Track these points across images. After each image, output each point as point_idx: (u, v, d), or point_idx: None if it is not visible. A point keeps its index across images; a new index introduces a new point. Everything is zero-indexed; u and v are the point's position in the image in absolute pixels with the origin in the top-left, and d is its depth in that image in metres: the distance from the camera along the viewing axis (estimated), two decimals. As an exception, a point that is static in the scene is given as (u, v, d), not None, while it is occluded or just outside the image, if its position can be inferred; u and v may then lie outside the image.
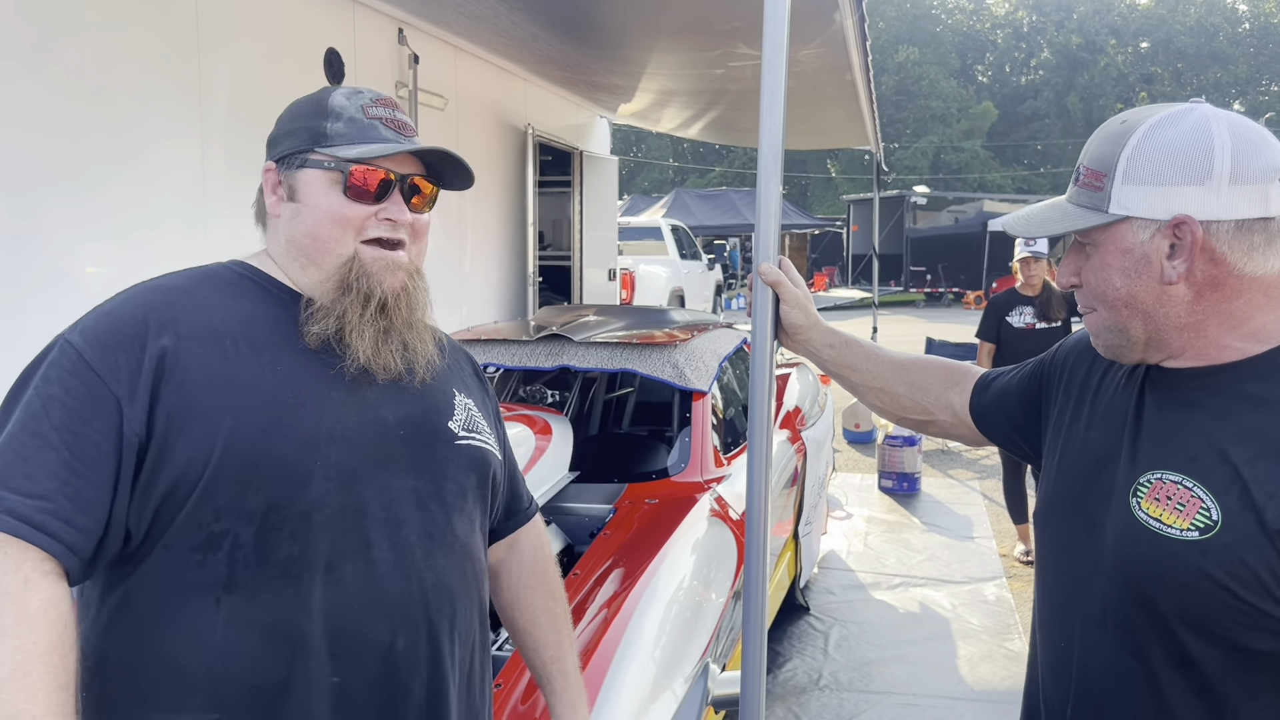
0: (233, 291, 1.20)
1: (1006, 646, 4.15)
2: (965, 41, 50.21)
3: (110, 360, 1.08)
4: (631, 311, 4.51)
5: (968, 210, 25.82)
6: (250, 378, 1.13)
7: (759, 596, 1.49)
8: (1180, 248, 1.06)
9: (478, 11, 5.19)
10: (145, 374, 1.08)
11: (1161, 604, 1.05)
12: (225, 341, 1.14)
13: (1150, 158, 1.07)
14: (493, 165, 6.70)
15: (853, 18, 4.44)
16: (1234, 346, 1.08)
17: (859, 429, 8.20)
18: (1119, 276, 1.10)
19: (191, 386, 1.09)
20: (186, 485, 1.07)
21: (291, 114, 1.27)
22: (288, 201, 1.23)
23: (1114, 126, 1.12)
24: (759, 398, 1.50)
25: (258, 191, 1.28)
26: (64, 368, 1.07)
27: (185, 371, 1.10)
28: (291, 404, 1.13)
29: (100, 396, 1.06)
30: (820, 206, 41.46)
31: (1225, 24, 47.00)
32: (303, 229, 1.21)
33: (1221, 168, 1.04)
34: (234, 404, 1.10)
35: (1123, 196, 1.08)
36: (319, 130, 1.22)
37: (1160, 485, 1.07)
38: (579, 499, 3.14)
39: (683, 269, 15.52)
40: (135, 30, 3.61)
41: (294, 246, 1.23)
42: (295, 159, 1.22)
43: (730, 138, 10.66)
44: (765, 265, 1.48)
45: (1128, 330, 1.12)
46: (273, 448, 1.10)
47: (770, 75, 1.46)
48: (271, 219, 1.25)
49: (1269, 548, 0.98)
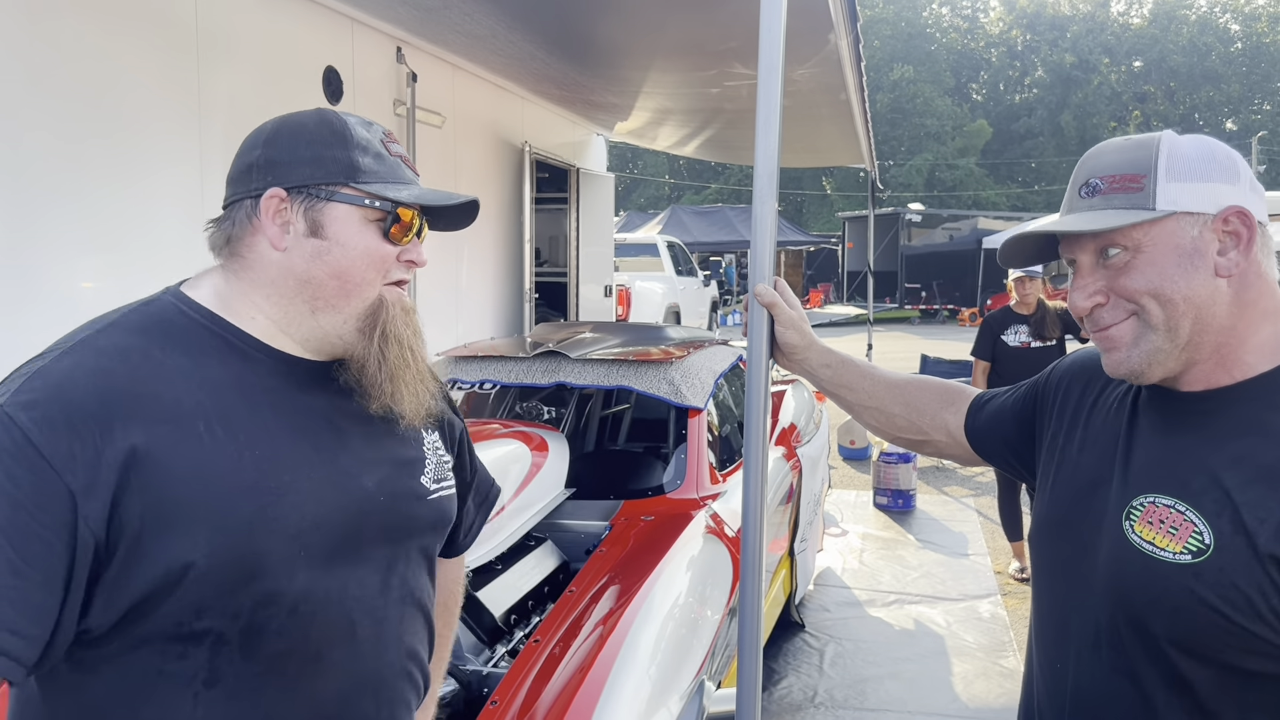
0: (196, 348, 1.07)
1: (1001, 664, 4.15)
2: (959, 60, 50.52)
3: (63, 447, 0.94)
4: (628, 328, 4.53)
5: (962, 228, 25.91)
6: (229, 468, 1.02)
7: (755, 613, 1.49)
8: (1231, 240, 1.08)
9: (476, 31, 5.23)
10: (107, 468, 0.96)
11: (1154, 626, 1.06)
12: (199, 425, 1.02)
13: (1190, 156, 1.09)
14: (490, 182, 6.73)
15: (847, 38, 4.49)
16: (1246, 360, 1.09)
17: (854, 445, 8.21)
18: (1177, 271, 1.08)
19: (166, 486, 0.98)
20: (165, 588, 0.99)
21: (302, 138, 1.12)
22: (308, 237, 1.11)
23: (1123, 142, 1.14)
24: (754, 419, 1.51)
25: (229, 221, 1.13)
26: (7, 450, 0.93)
27: (157, 468, 0.98)
28: (274, 494, 1.04)
29: (51, 488, 0.93)
30: (815, 223, 41.57)
31: (1218, 43, 47.35)
32: (329, 269, 1.11)
33: (1245, 171, 1.10)
34: (214, 503, 1.00)
35: (1169, 193, 1.08)
36: (350, 163, 1.12)
37: (1153, 509, 1.08)
38: (575, 515, 3.15)
39: (679, 285, 15.56)
40: (135, 49, 3.64)
41: (306, 287, 1.11)
42: (321, 190, 1.11)
43: (726, 155, 10.72)
44: (761, 286, 1.49)
45: (1177, 330, 1.08)
46: (258, 546, 1.02)
47: (766, 97, 1.47)
48: (268, 252, 1.11)
49: (1260, 571, 0.99)
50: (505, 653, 2.56)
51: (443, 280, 6.07)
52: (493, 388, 3.94)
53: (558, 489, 3.09)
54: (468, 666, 2.42)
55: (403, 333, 1.16)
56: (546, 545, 3.01)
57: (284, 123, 1.14)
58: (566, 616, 2.41)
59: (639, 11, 4.76)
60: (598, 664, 2.16)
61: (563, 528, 3.12)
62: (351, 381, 1.15)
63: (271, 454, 1.06)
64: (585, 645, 2.25)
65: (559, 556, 3.03)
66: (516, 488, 2.86)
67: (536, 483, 2.96)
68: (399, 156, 1.18)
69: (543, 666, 2.19)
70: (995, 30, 52.65)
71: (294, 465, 1.07)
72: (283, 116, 1.15)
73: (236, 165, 1.14)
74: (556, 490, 3.09)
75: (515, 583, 2.77)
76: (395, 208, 1.14)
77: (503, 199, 6.94)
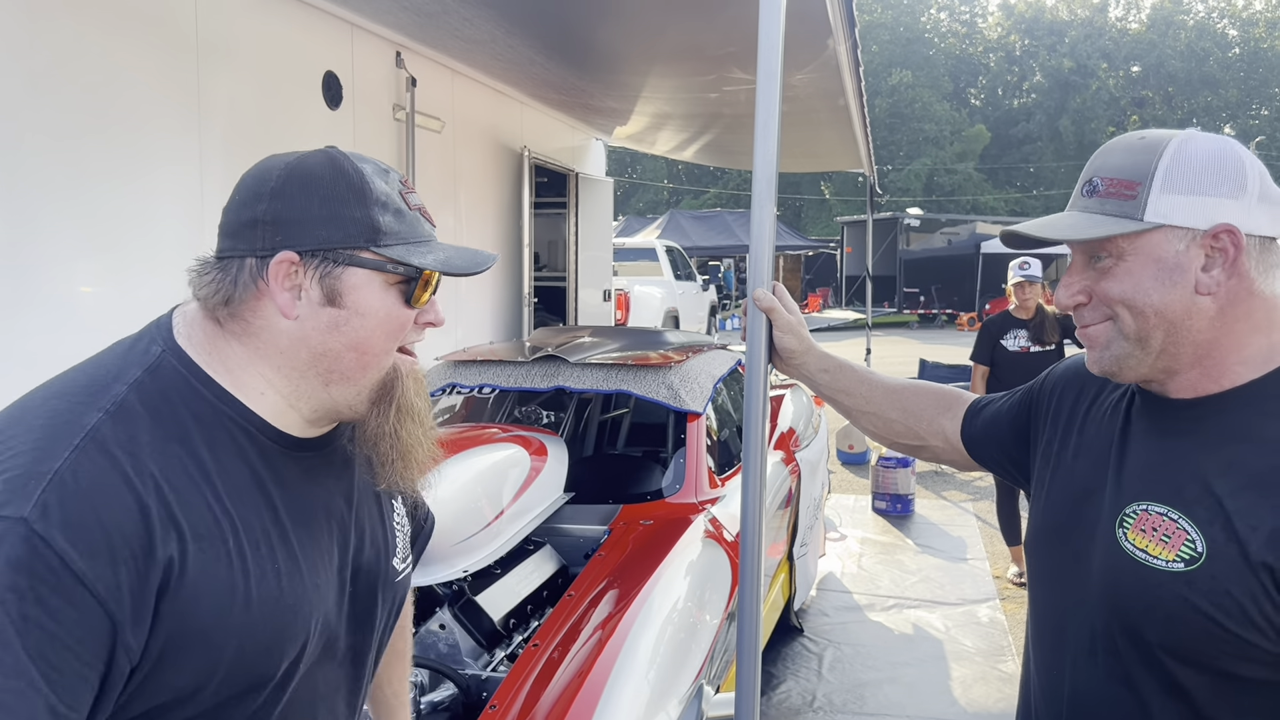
0: (213, 439, 0.97)
1: (1000, 668, 4.15)
2: (958, 65, 50.60)
3: (109, 574, 0.84)
4: (627, 333, 4.53)
5: (961, 232, 25.94)
6: (255, 593, 0.96)
7: (754, 618, 1.50)
8: (1216, 258, 1.06)
9: (475, 36, 5.24)
10: (151, 591, 0.87)
11: (1148, 633, 1.06)
12: (228, 541, 0.94)
13: (1190, 168, 1.06)
14: (489, 187, 6.74)
15: (846, 44, 4.50)
16: (1233, 371, 1.09)
17: (853, 450, 8.21)
18: (1152, 284, 1.08)
19: (194, 614, 0.90)
20: (173, 705, 0.93)
21: (318, 194, 1.00)
22: (324, 306, 1.00)
23: (1134, 141, 1.11)
24: (753, 423, 1.51)
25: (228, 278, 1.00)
26: (44, 579, 0.82)
27: (191, 590, 0.90)
28: (292, 611, 0.99)
29: (94, 620, 0.84)
30: (814, 228, 41.61)
31: (1215, 48, 47.46)
32: (347, 341, 1.01)
33: (1253, 184, 1.06)
34: (238, 628, 0.94)
35: (1160, 204, 1.06)
36: (371, 224, 1.01)
37: (1146, 516, 1.08)
38: (574, 520, 3.15)
39: (677, 290, 15.57)
40: (135, 52, 3.65)
41: (322, 360, 1.01)
42: (339, 255, 1.00)
43: (725, 160, 10.73)
44: (759, 291, 1.50)
45: (1148, 340, 1.09)
46: (271, 668, 0.98)
47: (765, 103, 1.48)
48: (276, 319, 1.00)
49: (1253, 579, 1.00)
50: (504, 657, 2.56)
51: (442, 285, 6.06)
52: (491, 392, 3.94)
53: (556, 493, 3.10)
54: (466, 671, 2.42)
55: (416, 403, 1.08)
56: (545, 549, 3.01)
57: (293, 172, 1.01)
58: (565, 620, 2.41)
59: (638, 16, 4.77)
60: (596, 668, 2.16)
61: (562, 532, 3.12)
62: (359, 457, 1.09)
63: (291, 567, 1.00)
64: (584, 649, 2.26)
65: (558, 561, 3.03)
66: (515, 492, 2.86)
67: (535, 487, 2.96)
68: (418, 210, 1.08)
69: (542, 670, 2.19)
70: (993, 35, 52.75)
71: (307, 573, 1.02)
72: (291, 162, 1.02)
73: (238, 215, 1.01)
74: (555, 494, 3.09)
75: (514, 587, 2.77)
76: (419, 273, 1.04)
77: (502, 203, 6.95)
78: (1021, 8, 51.74)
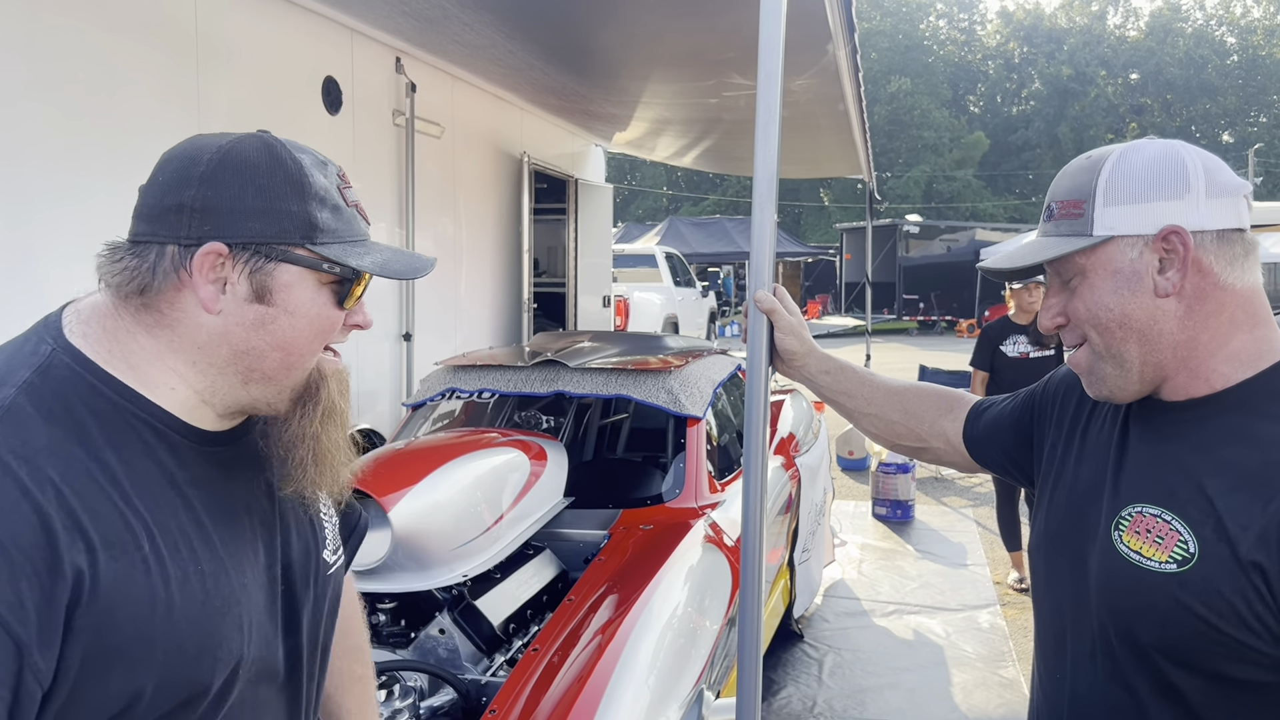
0: (119, 439, 0.90)
1: (1000, 674, 4.14)
2: (957, 72, 50.72)
3: (8, 592, 0.78)
4: (626, 338, 4.53)
5: (960, 239, 25.97)
6: (177, 598, 0.89)
7: (754, 622, 1.49)
8: (1171, 260, 1.08)
9: (475, 41, 5.25)
10: (58, 606, 0.80)
11: (1143, 635, 1.06)
12: (143, 546, 0.87)
13: (1128, 178, 1.09)
14: (488, 192, 6.75)
15: (845, 49, 4.50)
16: (1220, 370, 1.09)
17: (853, 456, 8.20)
18: (1111, 297, 1.10)
19: (114, 622, 0.84)
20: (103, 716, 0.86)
21: (251, 183, 0.94)
22: (251, 303, 0.94)
23: (1081, 162, 1.15)
24: (754, 424, 1.51)
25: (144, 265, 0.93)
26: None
27: (105, 601, 0.83)
28: (220, 614, 0.93)
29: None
30: (814, 235, 41.67)
31: (1214, 56, 47.58)
32: (273, 341, 0.96)
33: (1197, 181, 1.07)
34: (163, 637, 0.87)
35: (1106, 218, 1.10)
36: (308, 220, 0.96)
37: (1141, 518, 1.09)
38: (574, 525, 3.14)
39: (677, 296, 15.58)
40: (136, 56, 3.65)
41: (243, 358, 0.96)
42: (273, 250, 0.94)
43: (724, 166, 10.74)
44: (760, 293, 1.50)
45: (1123, 355, 1.11)
46: (204, 677, 0.92)
47: (765, 105, 1.48)
48: (195, 312, 0.94)
49: (1243, 579, 1.00)
50: (504, 662, 2.55)
51: (441, 290, 6.07)
52: (491, 397, 3.93)
53: (556, 498, 3.09)
54: (466, 675, 2.41)
55: (339, 404, 1.03)
56: (545, 554, 3.01)
57: (227, 157, 0.94)
58: (565, 625, 2.40)
59: (638, 21, 4.78)
60: (596, 672, 2.16)
61: (561, 536, 3.11)
62: (273, 456, 1.02)
63: (215, 568, 0.94)
64: (584, 654, 2.25)
65: (558, 566, 3.02)
66: (515, 496, 2.86)
67: (535, 492, 2.95)
68: (355, 206, 1.02)
69: (541, 675, 2.19)
70: (992, 43, 52.89)
71: (234, 573, 0.96)
72: (224, 146, 0.96)
73: (161, 199, 0.94)
74: (555, 499, 3.08)
75: (514, 592, 2.76)
76: (356, 274, 0.99)
77: (501, 209, 6.96)
78: (1020, 15, 51.88)
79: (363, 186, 5.15)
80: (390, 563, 2.47)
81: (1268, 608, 0.99)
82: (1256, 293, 1.10)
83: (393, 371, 5.56)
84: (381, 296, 5.39)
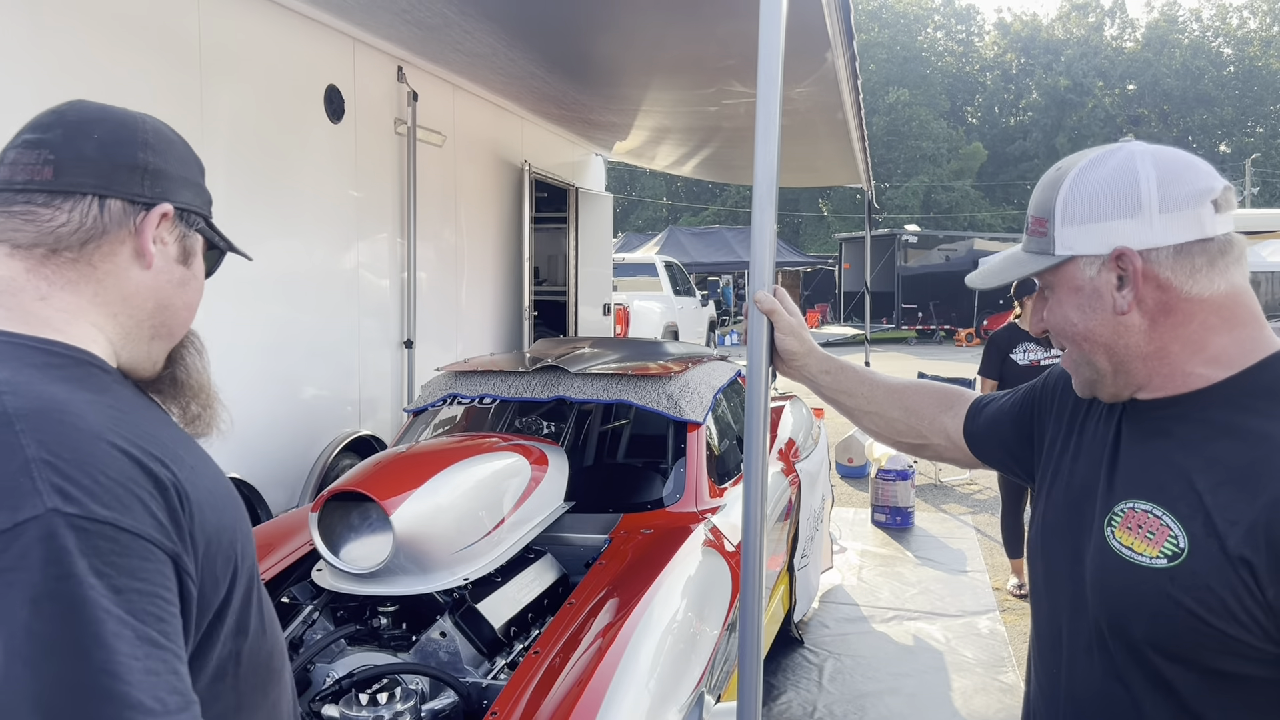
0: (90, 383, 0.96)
1: (1000, 679, 4.14)
2: (955, 83, 50.88)
3: (147, 517, 0.87)
4: (627, 344, 4.54)
5: (958, 249, 26.03)
6: (215, 486, 1.00)
7: (755, 627, 1.49)
8: (1126, 278, 1.10)
9: (476, 50, 5.28)
10: (178, 513, 0.91)
11: (1135, 630, 1.08)
12: (179, 453, 0.96)
13: (1083, 198, 1.11)
14: (489, 201, 6.77)
15: (844, 57, 4.53)
16: (1199, 373, 1.10)
17: (852, 463, 8.21)
18: (1075, 313, 1.15)
19: (205, 518, 0.94)
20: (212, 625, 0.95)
21: (180, 158, 1.07)
22: (178, 264, 1.06)
23: (1051, 175, 1.17)
24: (754, 425, 1.52)
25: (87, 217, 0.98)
26: (104, 550, 0.82)
27: (194, 501, 0.93)
28: (239, 508, 1.04)
29: (161, 563, 0.86)
30: (813, 245, 41.74)
31: (1210, 67, 47.74)
32: (185, 300, 1.08)
33: (1149, 198, 1.08)
34: (225, 534, 0.97)
35: (1065, 237, 1.13)
36: (209, 196, 1.11)
37: (1133, 514, 1.10)
38: (574, 529, 3.15)
39: (677, 305, 15.60)
40: (138, 64, 3.67)
41: (162, 312, 1.05)
42: (193, 219, 1.08)
43: (724, 175, 10.78)
44: (761, 293, 1.51)
45: (1094, 363, 1.15)
46: (253, 559, 1.04)
47: (765, 106, 1.50)
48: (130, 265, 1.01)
49: (1232, 574, 1.00)
50: (505, 665, 2.55)
51: (442, 297, 6.09)
52: (492, 402, 3.95)
53: (557, 502, 3.10)
54: (467, 678, 2.42)
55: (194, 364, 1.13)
56: (546, 558, 3.01)
57: (159, 129, 1.05)
58: (566, 628, 2.41)
59: (639, 29, 4.81)
60: (597, 675, 2.16)
61: (562, 541, 3.12)
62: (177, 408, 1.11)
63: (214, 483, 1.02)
64: (585, 657, 2.25)
65: (558, 570, 3.03)
66: (516, 501, 2.87)
67: (536, 496, 2.96)
68: None
69: (542, 678, 2.19)
70: (990, 54, 53.07)
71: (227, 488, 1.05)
72: (144, 117, 1.05)
73: (104, 154, 0.99)
74: (556, 503, 3.09)
75: (515, 595, 2.77)
76: (228, 250, 1.14)
77: (502, 218, 6.98)
78: (1018, 26, 52.08)
79: (365, 194, 5.19)
80: (392, 566, 2.48)
81: (1256, 602, 1.00)
82: (1234, 296, 1.09)
83: (393, 378, 5.58)
84: (383, 303, 5.41)
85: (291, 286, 4.64)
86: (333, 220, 4.95)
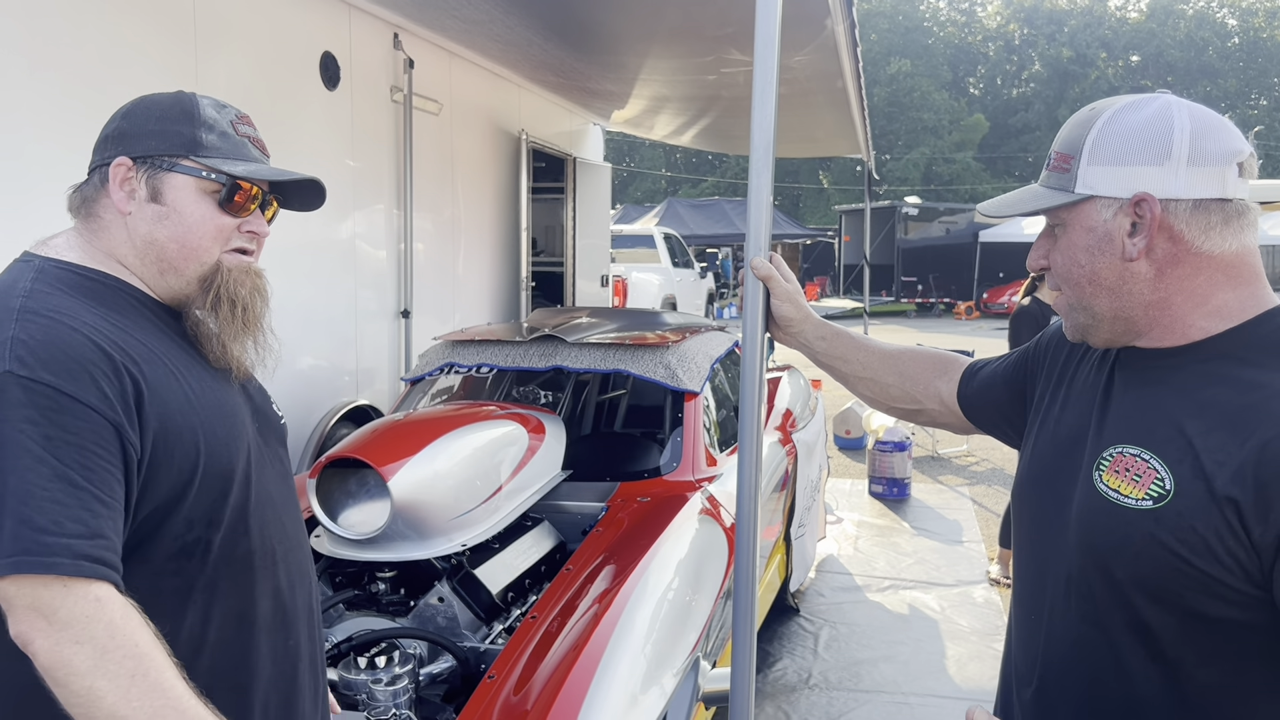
0: (112, 302, 1.20)
1: (994, 647, 4.18)
2: (957, 54, 50.47)
3: (95, 390, 1.07)
4: (624, 314, 4.53)
5: (959, 221, 25.92)
6: (196, 397, 1.20)
7: (749, 592, 1.50)
8: (1140, 225, 1.10)
9: (473, 16, 5.23)
10: (130, 398, 1.10)
11: (1118, 571, 1.09)
12: (165, 363, 1.18)
13: (1114, 139, 1.11)
14: (486, 171, 6.73)
15: (844, 24, 4.49)
16: (1199, 325, 1.11)
17: (850, 435, 8.23)
18: (1083, 254, 1.14)
19: (167, 411, 1.14)
20: (169, 504, 1.14)
21: (153, 114, 1.26)
22: (150, 203, 1.24)
23: (1083, 114, 1.17)
24: (750, 393, 1.52)
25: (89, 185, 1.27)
26: (44, 407, 1.04)
27: (157, 395, 1.13)
28: (230, 416, 1.24)
29: (100, 427, 1.07)
30: (812, 217, 41.56)
31: (1214, 38, 47.36)
32: (169, 234, 1.24)
33: (1180, 149, 1.08)
34: (199, 425, 1.18)
35: (1088, 176, 1.12)
36: (193, 138, 1.25)
37: (1120, 458, 1.11)
38: (572, 497, 3.16)
39: (675, 277, 15.57)
40: (132, 35, 3.64)
41: (153, 249, 1.24)
42: (162, 161, 1.24)
43: (722, 145, 10.71)
44: (757, 260, 1.50)
45: (1093, 307, 1.16)
46: (231, 459, 1.21)
47: (762, 70, 1.48)
48: (117, 215, 1.24)
49: (1217, 514, 1.02)
50: (502, 630, 2.58)
51: (440, 267, 6.07)
52: (489, 371, 3.95)
53: (554, 470, 3.11)
54: (465, 643, 2.44)
55: (239, 294, 1.28)
56: (543, 526, 3.03)
57: (142, 100, 1.28)
58: (563, 594, 2.43)
59: (636, -3, 4.76)
60: (593, 640, 2.18)
61: (560, 509, 3.13)
62: (190, 336, 1.28)
63: (209, 386, 1.24)
64: (581, 622, 2.27)
65: (556, 537, 3.05)
66: (513, 468, 2.88)
67: (533, 464, 2.97)
68: (247, 137, 1.30)
69: (539, 642, 2.21)
70: (993, 24, 52.60)
71: (223, 394, 1.27)
72: (145, 95, 1.29)
73: (99, 137, 1.27)
74: (553, 472, 3.10)
75: (512, 562, 2.78)
76: (232, 181, 1.26)
77: (499, 187, 6.94)
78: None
79: (361, 163, 5.16)
80: (390, 532, 2.49)
81: (1239, 542, 1.01)
82: (1242, 256, 1.11)
83: (391, 348, 5.57)
84: (380, 274, 5.40)
85: (288, 257, 4.62)
86: (329, 189, 4.91)
